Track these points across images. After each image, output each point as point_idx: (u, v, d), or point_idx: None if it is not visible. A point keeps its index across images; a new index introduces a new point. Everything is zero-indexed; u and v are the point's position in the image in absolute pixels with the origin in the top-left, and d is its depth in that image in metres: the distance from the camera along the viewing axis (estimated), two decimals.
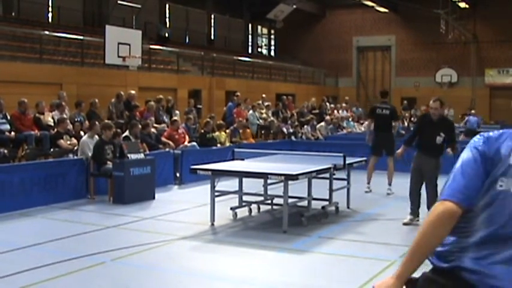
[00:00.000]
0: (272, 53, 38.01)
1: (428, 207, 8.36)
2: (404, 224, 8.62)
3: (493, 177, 2.22)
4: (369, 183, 11.70)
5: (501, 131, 2.36)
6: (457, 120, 30.00)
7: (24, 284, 5.75)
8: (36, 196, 9.90)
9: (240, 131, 16.56)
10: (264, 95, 21.79)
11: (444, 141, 8.50)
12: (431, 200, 8.41)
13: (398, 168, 11.52)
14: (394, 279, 2.25)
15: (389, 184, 11.52)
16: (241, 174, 8.92)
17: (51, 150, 12.10)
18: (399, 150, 9.30)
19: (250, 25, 35.86)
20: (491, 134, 2.35)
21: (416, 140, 8.89)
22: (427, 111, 9.97)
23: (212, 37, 31.83)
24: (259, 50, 37.78)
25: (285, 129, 19.30)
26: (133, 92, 16.25)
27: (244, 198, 9.49)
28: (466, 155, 2.33)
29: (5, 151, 11.50)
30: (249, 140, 16.59)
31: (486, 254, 2.23)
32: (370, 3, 31.49)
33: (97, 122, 11.93)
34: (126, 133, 12.65)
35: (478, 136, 2.38)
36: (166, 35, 27.31)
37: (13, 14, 21.93)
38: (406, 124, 24.13)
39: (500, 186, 2.18)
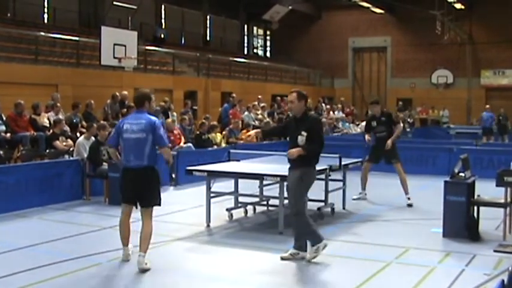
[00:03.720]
0: (268, 54, 38.03)
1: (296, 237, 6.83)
2: (283, 258, 6.78)
3: (121, 135, 6.51)
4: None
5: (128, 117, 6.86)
6: (461, 121, 30.05)
7: (20, 285, 5.75)
8: (32, 197, 9.88)
9: (244, 131, 16.52)
10: (259, 96, 21.76)
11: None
12: (298, 228, 6.83)
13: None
14: None
15: (406, 193, 10.41)
16: (236, 175, 8.94)
17: (47, 151, 12.09)
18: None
19: (246, 26, 35.89)
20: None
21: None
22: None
23: (208, 38, 31.82)
24: (254, 51, 37.82)
25: None
26: (125, 92, 16.19)
27: (240, 199, 9.50)
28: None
29: (1, 152, 11.48)
30: (253, 140, 16.54)
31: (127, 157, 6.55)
32: (365, 4, 31.55)
33: (94, 124, 11.92)
34: None
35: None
36: (162, 36, 27.30)
37: (9, 15, 21.92)
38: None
39: (125, 135, 6.57)
